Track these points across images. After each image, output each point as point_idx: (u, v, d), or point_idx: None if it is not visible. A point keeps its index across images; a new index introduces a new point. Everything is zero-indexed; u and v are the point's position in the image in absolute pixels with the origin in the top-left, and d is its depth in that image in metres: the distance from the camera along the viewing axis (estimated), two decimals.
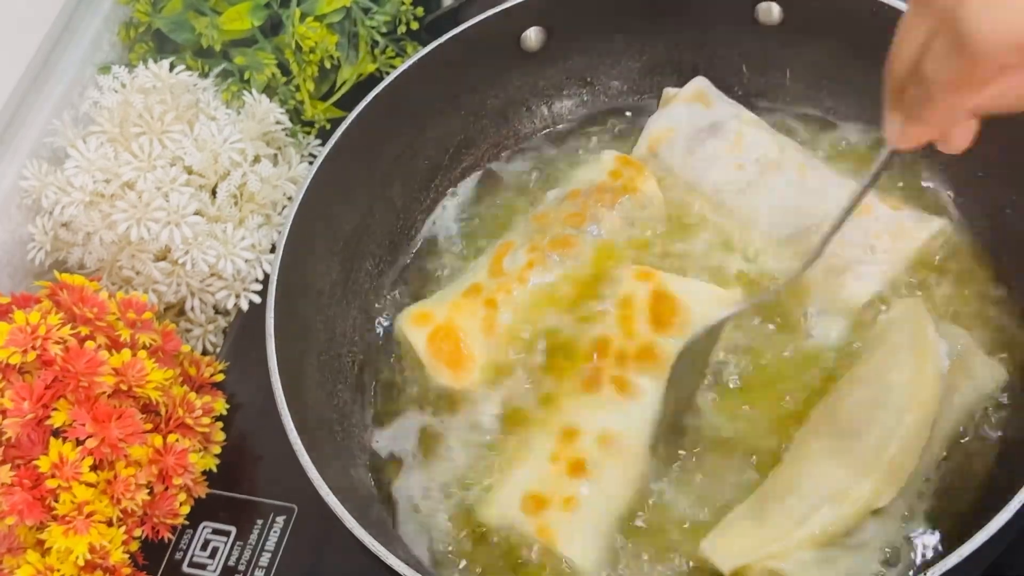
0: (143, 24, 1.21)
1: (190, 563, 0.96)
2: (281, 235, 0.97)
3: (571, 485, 0.87)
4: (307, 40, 1.14)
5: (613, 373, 0.92)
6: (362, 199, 1.07)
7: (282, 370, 0.89)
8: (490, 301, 0.99)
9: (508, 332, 0.99)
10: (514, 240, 1.04)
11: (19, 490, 0.84)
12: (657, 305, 0.95)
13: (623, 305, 0.96)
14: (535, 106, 1.16)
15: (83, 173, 1.00)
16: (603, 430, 0.90)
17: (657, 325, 0.94)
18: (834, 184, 1.01)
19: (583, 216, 1.03)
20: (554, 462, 0.89)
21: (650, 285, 0.96)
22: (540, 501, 0.87)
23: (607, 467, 0.88)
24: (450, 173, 1.14)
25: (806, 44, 1.07)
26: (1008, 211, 0.96)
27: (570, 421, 0.91)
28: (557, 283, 1.01)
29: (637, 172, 1.05)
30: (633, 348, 0.93)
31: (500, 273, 1.01)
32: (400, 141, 1.08)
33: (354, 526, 0.80)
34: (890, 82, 0.67)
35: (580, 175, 1.08)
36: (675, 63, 1.13)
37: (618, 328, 0.95)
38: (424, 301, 1.04)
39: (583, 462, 0.88)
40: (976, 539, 0.73)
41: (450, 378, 0.98)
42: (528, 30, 1.10)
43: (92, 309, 0.91)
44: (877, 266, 0.96)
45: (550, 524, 0.86)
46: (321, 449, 0.88)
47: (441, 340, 0.98)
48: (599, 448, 0.89)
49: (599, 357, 0.94)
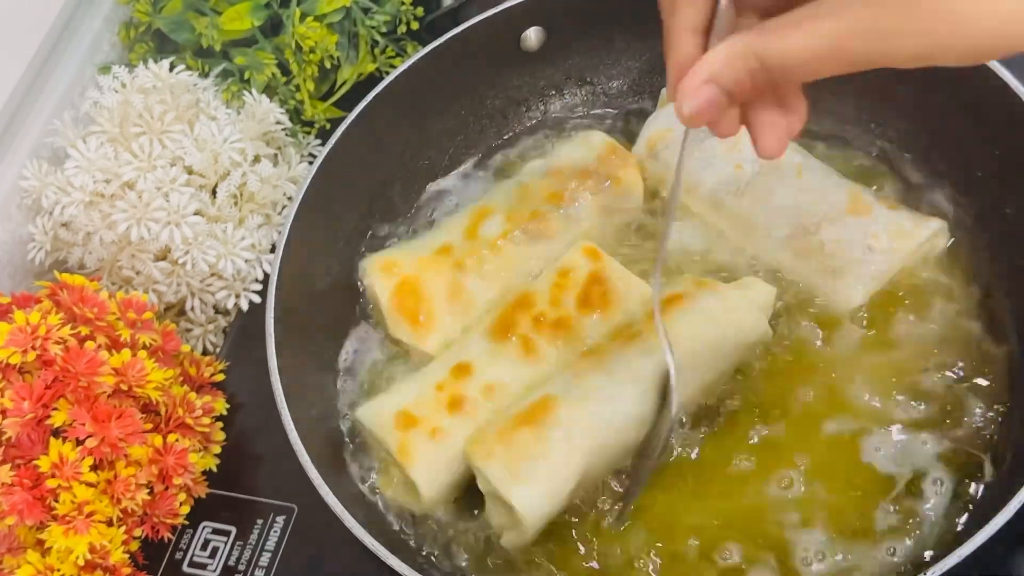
0: (143, 24, 1.21)
1: (190, 563, 0.96)
2: (281, 235, 0.97)
3: (443, 417, 0.91)
4: (307, 40, 1.14)
5: (524, 332, 0.95)
6: (362, 199, 1.07)
7: (282, 370, 0.89)
8: (459, 264, 1.00)
9: (471, 299, 1.00)
10: (493, 207, 1.04)
11: (19, 490, 0.84)
12: (591, 285, 0.97)
13: (561, 274, 0.98)
14: (535, 106, 1.16)
15: (83, 173, 1.00)
16: (493, 379, 0.93)
17: (583, 304, 0.96)
18: (833, 184, 1.01)
19: (562, 197, 1.03)
20: (438, 390, 0.93)
21: (593, 264, 0.98)
22: (411, 420, 0.91)
23: (481, 413, 0.91)
24: (450, 173, 1.14)
25: None
26: (1008, 211, 0.96)
27: (467, 360, 0.94)
28: (528, 258, 1.02)
29: (622, 161, 1.06)
30: (552, 316, 0.96)
31: (474, 237, 1.02)
32: (400, 141, 1.09)
33: (354, 526, 0.81)
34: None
35: (567, 151, 1.08)
36: None
37: (548, 293, 0.97)
38: (393, 249, 1.05)
39: (463, 400, 0.92)
40: (976, 539, 0.73)
41: (408, 334, 0.99)
42: (528, 30, 1.10)
43: (92, 309, 0.91)
44: (875, 266, 0.96)
45: (410, 445, 0.90)
46: (321, 449, 0.88)
47: (405, 295, 1.00)
48: (482, 393, 0.92)
49: (517, 311, 0.96)
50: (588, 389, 0.89)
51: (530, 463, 0.85)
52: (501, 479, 0.85)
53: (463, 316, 1.00)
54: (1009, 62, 0.91)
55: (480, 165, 1.15)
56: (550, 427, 0.87)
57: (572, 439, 0.87)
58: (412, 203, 1.12)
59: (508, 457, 0.86)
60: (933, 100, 0.99)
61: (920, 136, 1.03)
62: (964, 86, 0.94)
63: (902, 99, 1.03)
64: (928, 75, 0.99)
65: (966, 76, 0.94)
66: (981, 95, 0.94)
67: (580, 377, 0.91)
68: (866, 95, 1.05)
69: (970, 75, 0.93)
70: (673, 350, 0.85)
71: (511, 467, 0.85)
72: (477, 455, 0.87)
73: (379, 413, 0.93)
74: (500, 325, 0.96)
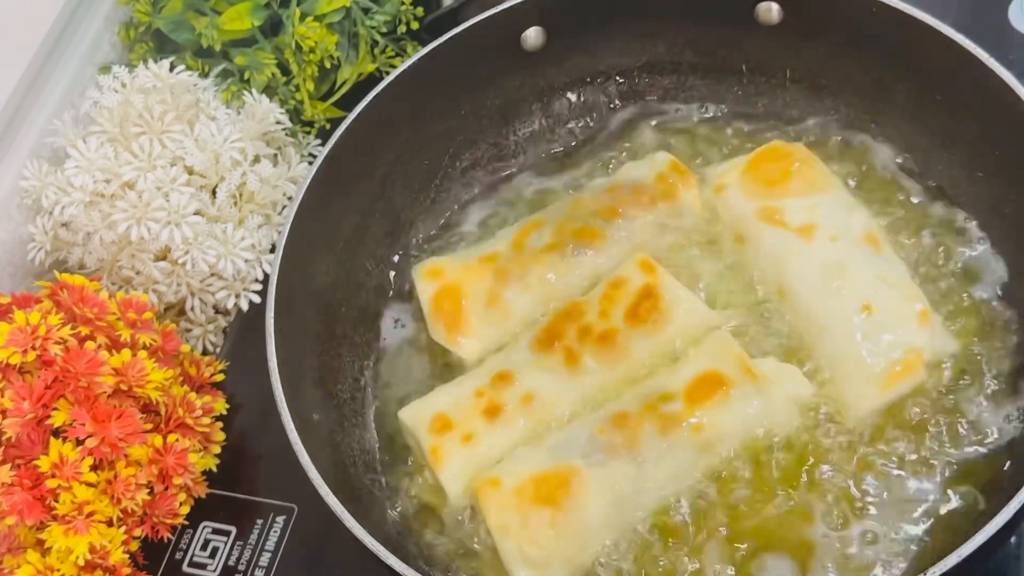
0: (143, 24, 1.21)
1: (190, 563, 0.96)
2: (281, 235, 0.97)
3: (479, 423, 0.91)
4: (307, 40, 1.14)
5: (569, 343, 0.94)
6: (362, 199, 1.07)
7: (282, 370, 0.89)
8: (501, 272, 1.00)
9: (508, 307, 0.99)
10: (544, 219, 1.03)
11: (19, 490, 0.84)
12: (643, 299, 0.95)
13: (613, 285, 0.96)
14: (535, 106, 1.16)
15: (83, 173, 1.00)
16: (533, 388, 0.92)
17: (632, 317, 0.94)
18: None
19: (616, 212, 1.02)
20: (477, 396, 0.92)
21: (647, 278, 0.96)
22: (446, 424, 0.91)
23: (517, 424, 0.91)
24: (450, 173, 1.13)
25: (806, 44, 1.07)
26: (1007, 211, 0.96)
27: (509, 368, 0.94)
28: (572, 271, 1.00)
29: (682, 179, 1.03)
30: (600, 329, 0.94)
31: (521, 248, 1.01)
32: (400, 141, 1.08)
33: (354, 526, 0.81)
34: None
35: (630, 169, 1.07)
36: (675, 63, 1.13)
37: (597, 304, 0.95)
38: (443, 257, 1.05)
39: (500, 408, 0.91)
40: (976, 539, 0.73)
41: (444, 338, 0.99)
42: (528, 30, 1.09)
43: (92, 309, 0.91)
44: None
45: (443, 449, 0.90)
46: (321, 449, 0.88)
47: (444, 299, 1.00)
48: (521, 402, 0.91)
49: (564, 321, 0.95)
50: (615, 474, 0.86)
51: (543, 555, 0.84)
52: (511, 558, 0.85)
53: (500, 325, 0.99)
54: (1010, 61, 0.92)
55: (479, 165, 1.15)
56: (568, 511, 0.85)
57: (590, 529, 0.85)
58: (414, 204, 1.12)
59: (521, 538, 0.84)
60: (931, 99, 0.99)
61: (920, 137, 1.03)
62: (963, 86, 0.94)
63: (901, 99, 1.03)
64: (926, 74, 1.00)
65: (964, 76, 0.94)
66: (980, 95, 0.94)
67: (610, 454, 0.87)
68: (867, 94, 1.05)
69: (967, 75, 0.94)
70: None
71: (523, 550, 0.84)
72: (491, 514, 0.85)
73: (418, 415, 0.94)
74: (546, 335, 0.95)
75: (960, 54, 0.94)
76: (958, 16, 1.06)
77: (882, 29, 0.99)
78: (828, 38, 1.05)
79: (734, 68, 1.12)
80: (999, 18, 1.13)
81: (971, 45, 0.93)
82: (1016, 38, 1.12)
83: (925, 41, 0.96)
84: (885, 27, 0.99)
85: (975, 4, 1.15)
